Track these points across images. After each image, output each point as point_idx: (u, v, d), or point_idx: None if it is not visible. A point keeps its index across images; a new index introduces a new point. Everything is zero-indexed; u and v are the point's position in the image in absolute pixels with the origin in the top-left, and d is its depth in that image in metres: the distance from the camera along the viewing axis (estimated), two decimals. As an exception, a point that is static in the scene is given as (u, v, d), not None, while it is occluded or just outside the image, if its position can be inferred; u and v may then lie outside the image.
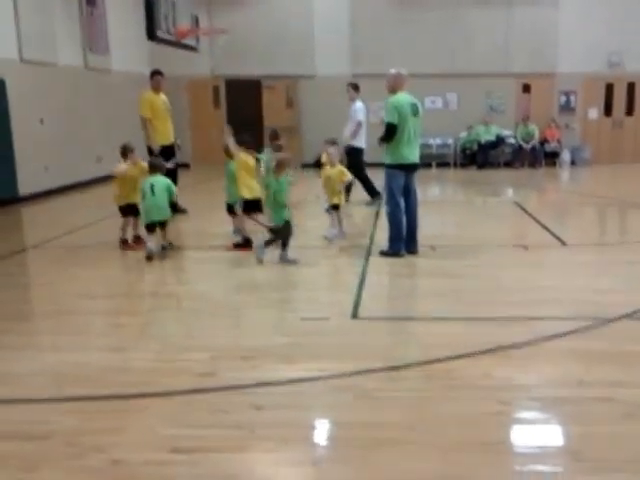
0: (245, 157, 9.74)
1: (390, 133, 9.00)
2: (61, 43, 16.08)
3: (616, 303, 6.97)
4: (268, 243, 9.05)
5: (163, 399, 4.91)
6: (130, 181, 9.94)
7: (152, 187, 9.40)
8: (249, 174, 9.75)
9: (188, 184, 16.02)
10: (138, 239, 10.22)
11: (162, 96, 12.91)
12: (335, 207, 10.56)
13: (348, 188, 12.55)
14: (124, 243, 10.07)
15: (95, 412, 4.74)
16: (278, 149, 11.00)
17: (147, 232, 9.53)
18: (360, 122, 13.70)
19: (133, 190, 9.94)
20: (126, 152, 10.02)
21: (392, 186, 9.25)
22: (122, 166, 9.93)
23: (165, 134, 12.78)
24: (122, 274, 9.13)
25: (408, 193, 9.35)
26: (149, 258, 9.23)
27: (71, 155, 16.34)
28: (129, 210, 10.06)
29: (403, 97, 9.11)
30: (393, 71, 9.32)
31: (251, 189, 9.71)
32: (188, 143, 21.42)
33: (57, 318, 6.98)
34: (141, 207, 9.70)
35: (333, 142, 11.24)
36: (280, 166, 9.11)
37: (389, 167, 9.24)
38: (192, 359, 5.61)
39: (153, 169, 9.70)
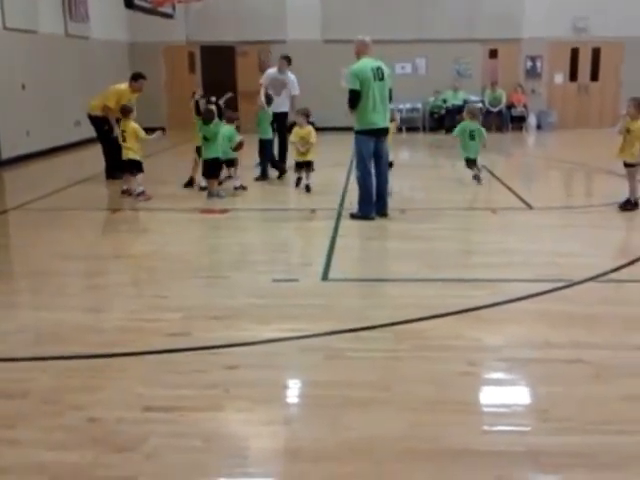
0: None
1: (353, 100, 9.03)
2: (42, 11, 16.18)
3: (582, 265, 7.06)
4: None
5: (138, 359, 4.95)
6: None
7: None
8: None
9: (165, 147, 16.01)
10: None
11: (134, 97, 12.87)
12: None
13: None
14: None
15: (71, 371, 4.77)
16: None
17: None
18: (296, 96, 13.57)
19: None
20: (129, 112, 11.00)
21: (361, 151, 9.30)
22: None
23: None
24: (98, 236, 9.23)
25: (379, 158, 9.41)
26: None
27: (52, 120, 16.45)
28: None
29: (364, 63, 9.11)
30: (359, 37, 9.36)
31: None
32: (164, 107, 21.60)
33: (35, 279, 7.04)
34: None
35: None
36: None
37: (357, 133, 9.29)
38: (166, 319, 5.66)
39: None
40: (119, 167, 11.67)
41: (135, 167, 11.02)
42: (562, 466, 3.55)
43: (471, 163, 11.94)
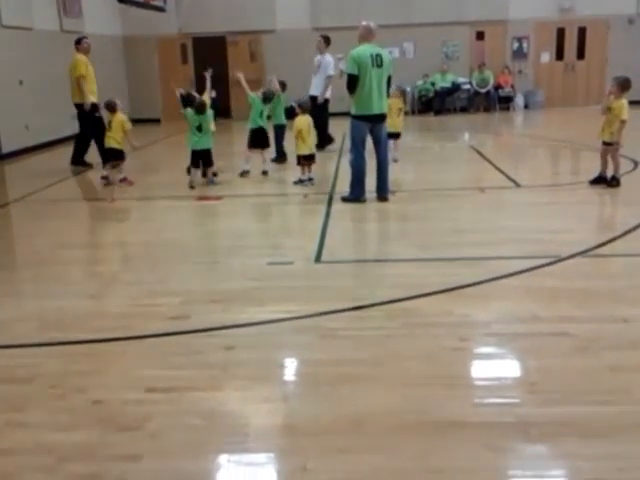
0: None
1: (350, 83, 9.08)
2: (37, 8, 16.37)
3: (569, 242, 7.19)
4: None
5: (139, 342, 5.07)
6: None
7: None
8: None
9: (159, 138, 16.11)
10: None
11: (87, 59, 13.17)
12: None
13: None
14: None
15: (75, 355, 4.90)
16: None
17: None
18: (330, 76, 13.90)
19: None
20: (114, 107, 11.31)
21: (354, 135, 9.39)
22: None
23: (95, 93, 13.18)
24: (98, 226, 9.39)
25: (378, 144, 9.53)
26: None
27: (49, 114, 16.51)
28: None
29: (364, 48, 9.10)
30: (364, 23, 9.39)
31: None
32: (158, 99, 21.67)
33: (38, 268, 7.14)
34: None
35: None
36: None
37: (353, 117, 9.34)
38: (165, 303, 5.78)
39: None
40: (103, 156, 12.07)
41: (116, 156, 11.36)
42: (550, 435, 3.66)
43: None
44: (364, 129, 9.32)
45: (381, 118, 9.40)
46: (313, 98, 13.85)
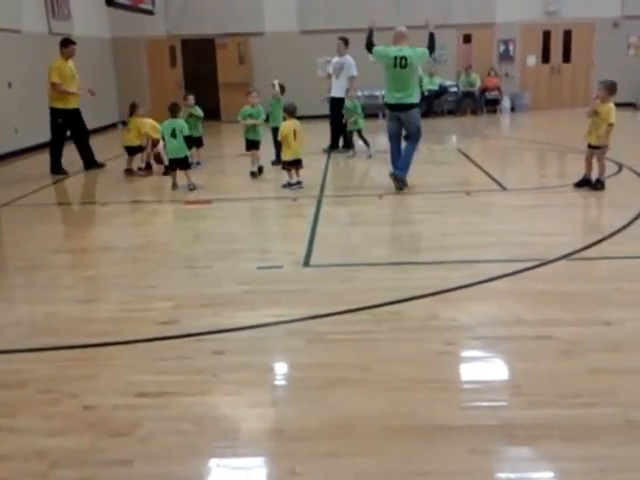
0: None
1: (367, 45, 10.82)
2: (26, 11, 16.36)
3: (554, 245, 7.24)
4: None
5: (129, 347, 5.10)
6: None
7: (173, 130, 11.00)
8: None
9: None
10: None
11: (70, 63, 13.29)
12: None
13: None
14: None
15: (66, 361, 4.92)
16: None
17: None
18: (354, 76, 14.10)
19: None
20: (132, 110, 12.32)
21: (386, 124, 10.95)
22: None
23: (74, 97, 13.42)
24: (88, 230, 9.37)
25: (406, 135, 10.80)
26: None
27: (38, 117, 16.33)
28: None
29: (388, 49, 10.57)
30: (396, 28, 10.99)
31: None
32: (147, 101, 21.52)
33: (28, 273, 7.18)
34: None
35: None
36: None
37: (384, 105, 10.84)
38: (155, 308, 5.83)
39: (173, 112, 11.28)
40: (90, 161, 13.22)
41: (130, 152, 12.60)
42: (535, 438, 3.72)
43: None
44: (391, 116, 10.63)
45: (402, 108, 10.44)
46: (335, 100, 13.96)
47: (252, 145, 12.07)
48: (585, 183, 9.89)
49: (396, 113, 10.47)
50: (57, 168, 13.21)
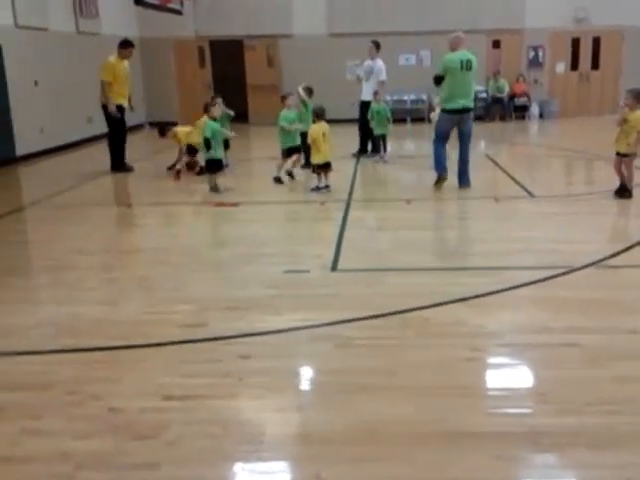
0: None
1: (436, 81, 10.70)
2: (53, 9, 16.35)
3: (581, 252, 7.21)
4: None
5: (155, 349, 5.12)
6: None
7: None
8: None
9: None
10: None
11: (125, 63, 13.41)
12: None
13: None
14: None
15: (92, 363, 4.94)
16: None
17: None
18: (384, 81, 14.13)
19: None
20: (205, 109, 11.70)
21: (438, 127, 11.05)
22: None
23: (125, 96, 13.49)
24: (114, 231, 9.46)
25: (462, 135, 11.00)
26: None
27: (64, 116, 16.54)
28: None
29: (455, 55, 10.54)
30: (454, 34, 10.84)
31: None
32: (175, 102, 21.69)
33: (53, 274, 7.19)
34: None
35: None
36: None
37: (442, 111, 10.86)
38: (181, 311, 5.83)
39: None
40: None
41: (190, 151, 12.48)
42: (560, 445, 3.71)
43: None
44: (448, 122, 10.79)
45: (464, 111, 10.65)
46: (364, 103, 13.99)
47: (295, 150, 12.04)
48: (624, 190, 9.81)
49: (458, 116, 10.70)
50: (121, 165, 13.28)
